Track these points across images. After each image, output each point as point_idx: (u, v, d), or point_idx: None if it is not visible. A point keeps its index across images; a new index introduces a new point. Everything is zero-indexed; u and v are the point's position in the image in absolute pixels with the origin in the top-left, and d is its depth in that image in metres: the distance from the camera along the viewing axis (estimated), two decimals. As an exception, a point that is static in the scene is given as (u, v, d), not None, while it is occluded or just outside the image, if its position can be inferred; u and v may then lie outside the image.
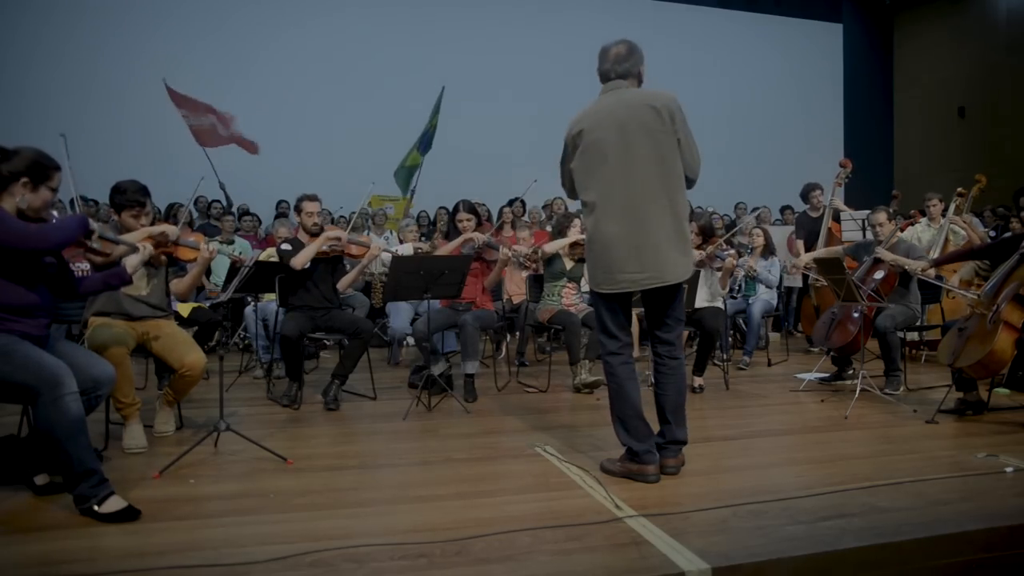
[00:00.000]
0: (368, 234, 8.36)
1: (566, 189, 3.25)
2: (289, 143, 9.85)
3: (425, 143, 9.12)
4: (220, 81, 9.68)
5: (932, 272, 4.84)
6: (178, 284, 3.81)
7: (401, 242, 6.91)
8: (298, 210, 4.78)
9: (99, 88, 9.20)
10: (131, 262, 3.12)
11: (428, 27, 10.51)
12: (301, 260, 4.52)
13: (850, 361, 5.23)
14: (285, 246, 4.69)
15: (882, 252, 4.96)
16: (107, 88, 9.22)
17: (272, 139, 9.28)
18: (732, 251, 5.11)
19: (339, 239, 4.60)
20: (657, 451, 3.06)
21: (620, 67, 3.05)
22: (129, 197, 3.55)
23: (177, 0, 9.58)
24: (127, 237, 3.42)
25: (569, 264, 5.22)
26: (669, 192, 2.97)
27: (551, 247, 5.18)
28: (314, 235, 4.70)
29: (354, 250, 4.73)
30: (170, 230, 3.59)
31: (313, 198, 4.78)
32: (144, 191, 3.59)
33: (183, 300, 4.08)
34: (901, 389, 4.85)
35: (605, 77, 3.09)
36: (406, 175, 9.25)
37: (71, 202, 5.68)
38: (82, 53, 9.17)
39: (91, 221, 2.86)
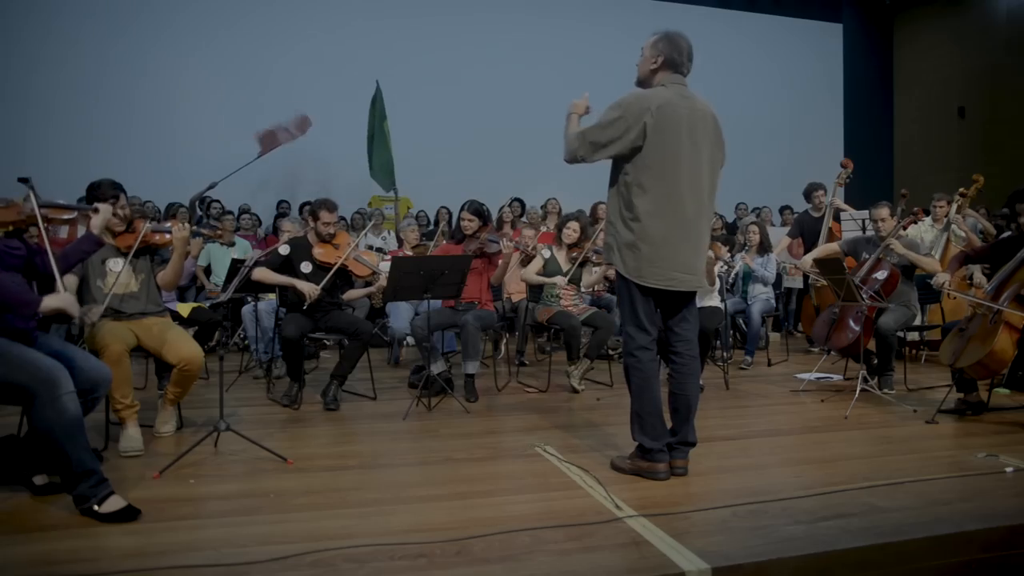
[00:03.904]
0: (366, 234, 8.36)
1: (585, 150, 2.94)
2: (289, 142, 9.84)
3: (376, 144, 8.98)
4: (219, 82, 9.69)
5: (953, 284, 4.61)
6: (163, 275, 3.80)
7: (400, 242, 6.90)
8: (314, 216, 4.66)
9: (106, 90, 9.22)
10: (95, 223, 3.08)
11: (428, 26, 10.51)
12: (260, 276, 4.54)
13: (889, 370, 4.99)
14: (283, 249, 4.63)
15: (895, 244, 4.94)
16: (113, 90, 9.24)
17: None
18: (718, 245, 5.09)
19: (312, 294, 4.49)
20: (668, 451, 3.06)
21: (689, 65, 3.01)
22: (104, 190, 3.52)
23: (180, 5, 9.59)
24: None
25: (566, 267, 5.21)
26: (714, 200, 3.06)
27: (531, 276, 5.22)
28: (325, 241, 4.66)
29: (357, 269, 4.68)
30: (103, 214, 3.23)
31: (332, 208, 4.65)
32: (118, 185, 3.59)
33: (170, 289, 4.05)
34: (895, 388, 4.84)
35: (676, 69, 2.99)
36: (385, 173, 9.11)
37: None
38: (87, 55, 9.19)
39: (42, 305, 2.68)
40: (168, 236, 3.69)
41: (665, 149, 2.89)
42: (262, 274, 4.56)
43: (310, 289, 4.47)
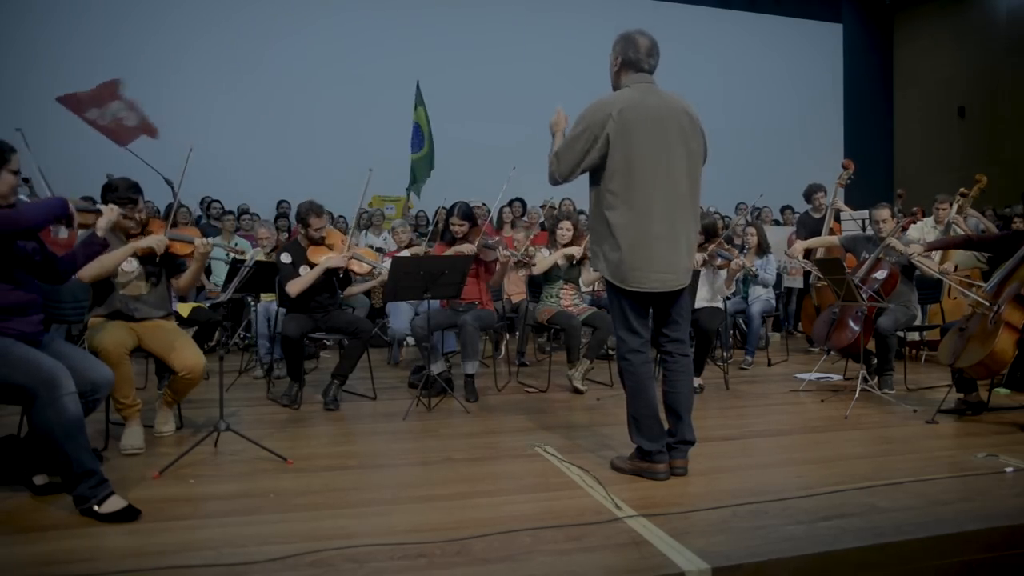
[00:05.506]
0: (365, 234, 8.36)
1: (563, 169, 2.96)
2: (289, 142, 9.86)
3: (416, 142, 9.03)
4: (219, 83, 9.69)
5: (934, 266, 4.78)
6: (182, 282, 3.82)
7: (396, 244, 6.89)
8: (304, 224, 4.63)
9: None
10: (100, 224, 3.06)
11: (429, 25, 10.52)
12: (297, 289, 4.49)
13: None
14: (285, 257, 4.61)
15: (894, 242, 4.94)
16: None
17: (273, 138, 9.28)
18: (734, 250, 5.09)
19: (343, 263, 4.56)
20: (667, 451, 3.05)
21: (652, 61, 2.98)
22: (121, 194, 3.49)
23: (173, 4, 9.58)
24: (118, 253, 3.44)
25: (564, 266, 5.21)
26: (695, 197, 3.02)
27: (541, 265, 5.16)
28: (317, 243, 4.65)
29: (356, 267, 4.69)
30: (157, 244, 3.56)
31: (319, 213, 4.62)
32: (136, 188, 3.56)
33: (184, 296, 4.07)
34: (895, 388, 4.84)
35: (636, 67, 2.96)
36: (414, 178, 9.16)
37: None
38: (79, 55, 9.18)
39: (70, 204, 2.77)
40: (190, 246, 3.70)
41: (631, 151, 2.87)
42: (296, 287, 4.49)
43: (340, 260, 4.55)
